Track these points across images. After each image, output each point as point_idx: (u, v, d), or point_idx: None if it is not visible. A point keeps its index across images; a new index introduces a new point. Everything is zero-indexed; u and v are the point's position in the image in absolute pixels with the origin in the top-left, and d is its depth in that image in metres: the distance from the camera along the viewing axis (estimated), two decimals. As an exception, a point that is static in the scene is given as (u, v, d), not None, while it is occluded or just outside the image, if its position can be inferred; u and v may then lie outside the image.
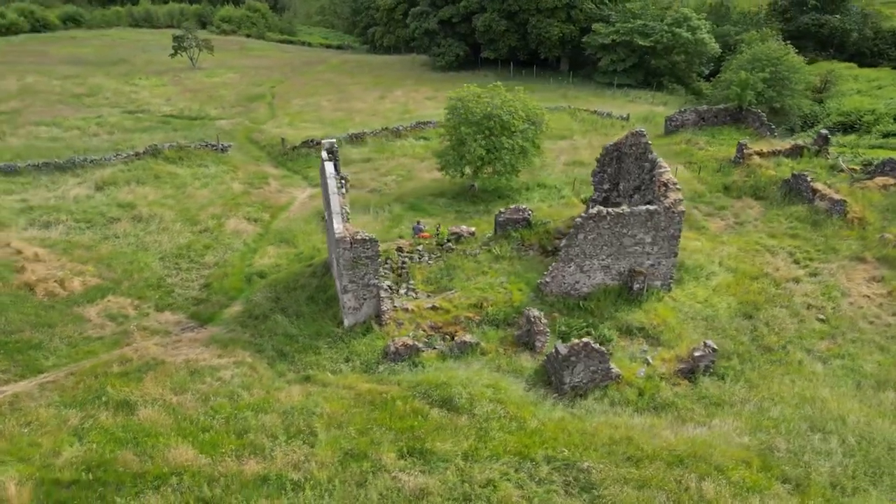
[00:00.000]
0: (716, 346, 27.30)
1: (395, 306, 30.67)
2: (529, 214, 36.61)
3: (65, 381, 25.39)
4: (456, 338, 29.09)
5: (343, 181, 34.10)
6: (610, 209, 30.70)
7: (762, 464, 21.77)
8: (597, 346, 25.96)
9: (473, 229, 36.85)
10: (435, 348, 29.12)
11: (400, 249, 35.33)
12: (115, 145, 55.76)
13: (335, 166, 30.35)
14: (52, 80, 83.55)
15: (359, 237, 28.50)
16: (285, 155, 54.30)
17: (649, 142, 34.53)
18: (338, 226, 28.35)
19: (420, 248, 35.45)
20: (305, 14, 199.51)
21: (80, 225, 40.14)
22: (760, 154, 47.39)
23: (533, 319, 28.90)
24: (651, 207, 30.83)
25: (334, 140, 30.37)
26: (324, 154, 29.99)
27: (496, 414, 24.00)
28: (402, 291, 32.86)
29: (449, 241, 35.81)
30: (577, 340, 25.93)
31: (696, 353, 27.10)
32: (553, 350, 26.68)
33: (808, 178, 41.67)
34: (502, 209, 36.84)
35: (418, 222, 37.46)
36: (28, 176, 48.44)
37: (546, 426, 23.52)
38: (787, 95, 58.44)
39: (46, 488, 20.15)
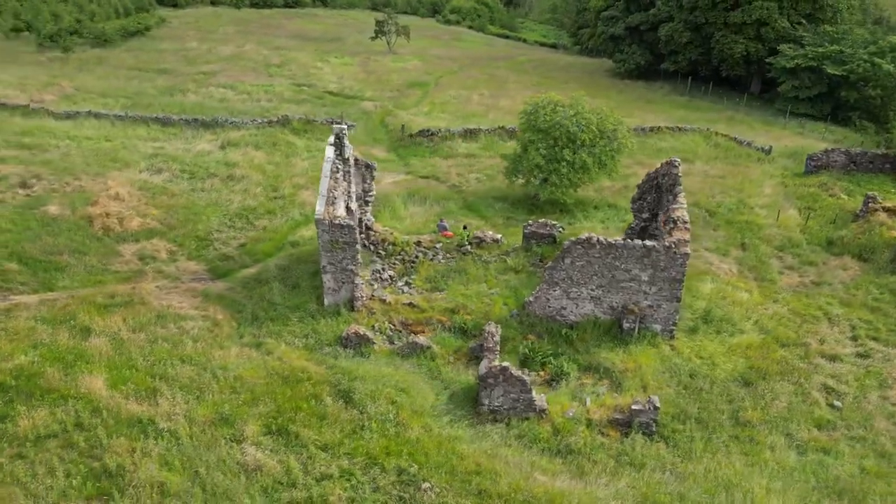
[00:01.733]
0: (658, 404, 24.64)
1: (373, 295, 31.32)
2: (559, 231, 35.14)
3: (61, 301, 29.47)
4: (409, 338, 29.13)
5: (369, 169, 35.23)
6: (601, 237, 28.66)
7: (613, 537, 19.69)
8: (518, 373, 24.76)
9: (499, 236, 36.14)
10: (394, 343, 29.43)
11: (419, 243, 35.69)
12: (264, 112, 61.52)
13: (341, 152, 31.51)
14: (262, 51, 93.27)
15: (337, 222, 29.52)
16: (401, 141, 56.40)
17: (679, 174, 31.41)
18: (319, 208, 29.58)
19: (438, 245, 35.55)
20: (539, 11, 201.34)
21: (183, 175, 45.26)
22: (890, 210, 40.59)
23: (486, 335, 28.05)
24: (648, 243, 28.33)
25: (345, 127, 31.52)
26: (330, 139, 31.31)
27: (385, 416, 23.99)
28: (399, 284, 33.37)
29: (469, 244, 35.48)
30: (497, 363, 24.88)
31: (635, 407, 24.72)
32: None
33: (923, 247, 35.20)
34: (530, 221, 35.74)
35: (442, 220, 37.52)
36: (177, 128, 55.34)
37: (423, 440, 23.09)
38: (978, 148, 49.06)
39: (-25, 385, 23.88)
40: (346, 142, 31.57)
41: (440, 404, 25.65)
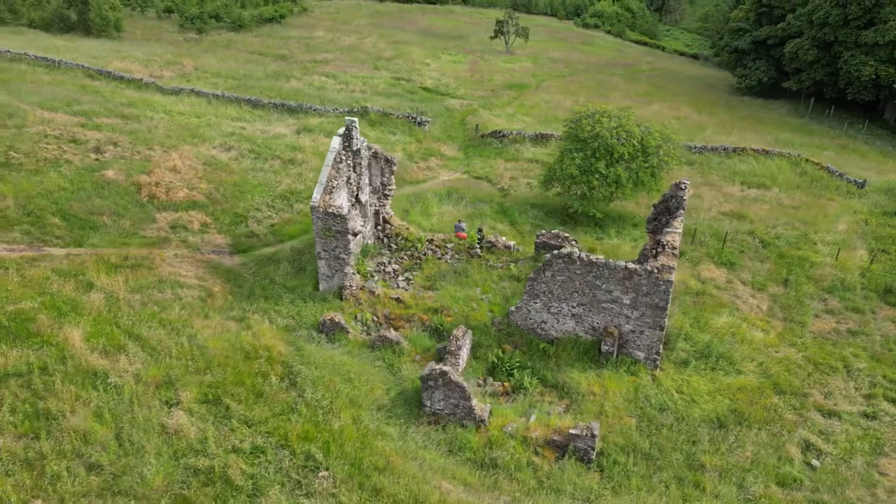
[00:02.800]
0: (596, 432, 23.53)
1: (363, 286, 31.89)
2: (571, 244, 34.12)
3: (83, 257, 32.27)
4: (380, 331, 29.46)
5: (389, 163, 35.74)
6: (583, 252, 27.60)
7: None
8: (458, 379, 24.48)
9: (512, 243, 35.60)
10: (369, 335, 29.89)
11: (431, 241, 35.86)
12: (353, 102, 63.61)
13: (349, 144, 32.19)
14: (380, 44, 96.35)
15: (331, 211, 30.36)
16: (472, 140, 56.53)
17: (685, 197, 29.53)
18: (315, 195, 30.53)
19: (450, 245, 35.55)
20: (692, 20, 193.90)
21: (249, 155, 47.84)
22: (970, 262, 36.01)
23: (451, 338, 27.91)
24: (631, 265, 26.97)
25: (355, 120, 32.09)
26: (340, 130, 32.10)
27: (319, 402, 24.54)
28: (400, 278, 33.74)
29: (480, 247, 35.22)
30: (437, 367, 24.71)
31: (572, 431, 23.78)
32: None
33: None
34: (543, 231, 34.95)
35: (460, 221, 37.32)
36: (264, 110, 58.61)
37: (346, 430, 23.45)
38: None
39: (-25, 320, 26.75)
40: (357, 134, 32.23)
41: (385, 399, 25.80)
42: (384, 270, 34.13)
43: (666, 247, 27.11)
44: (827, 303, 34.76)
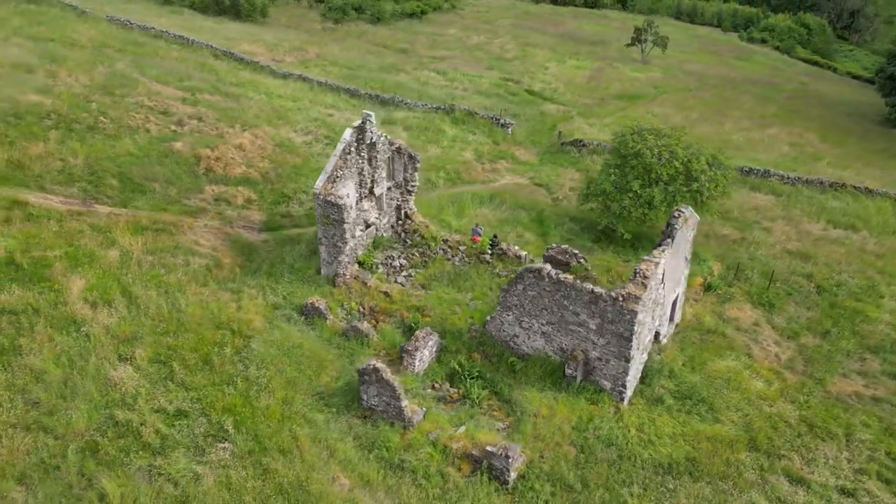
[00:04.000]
0: (511, 453, 22.69)
1: (357, 276, 32.50)
2: (579, 262, 32.83)
3: (121, 217, 35.28)
4: (354, 322, 29.96)
5: (412, 159, 36.01)
6: (552, 270, 26.52)
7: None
8: (389, 377, 24.52)
9: (524, 253, 34.76)
10: (351, 324, 30.49)
11: (446, 241, 35.80)
12: (449, 98, 64.30)
13: (363, 137, 32.75)
14: (508, 44, 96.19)
15: (329, 199, 31.22)
16: (552, 146, 55.41)
17: (677, 226, 27.39)
18: (318, 183, 31.50)
19: (462, 248, 35.32)
20: (886, 40, 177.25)
21: (323, 140, 49.90)
22: None
23: (412, 338, 27.92)
24: (597, 290, 25.61)
25: (372, 114, 32.47)
26: (356, 122, 32.77)
27: (257, 379, 25.55)
28: (403, 273, 34.06)
29: (491, 253, 34.72)
30: (372, 362, 24.85)
31: (489, 448, 23.09)
32: (372, 365, 25.96)
33: None
34: (553, 245, 33.81)
35: (477, 225, 36.77)
36: (359, 100, 60.76)
37: (271, 408, 24.30)
38: None
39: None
40: (372, 129, 32.76)
41: (330, 387, 26.23)
42: (390, 264, 34.53)
43: (639, 273, 25.44)
44: (865, 363, 30.99)
